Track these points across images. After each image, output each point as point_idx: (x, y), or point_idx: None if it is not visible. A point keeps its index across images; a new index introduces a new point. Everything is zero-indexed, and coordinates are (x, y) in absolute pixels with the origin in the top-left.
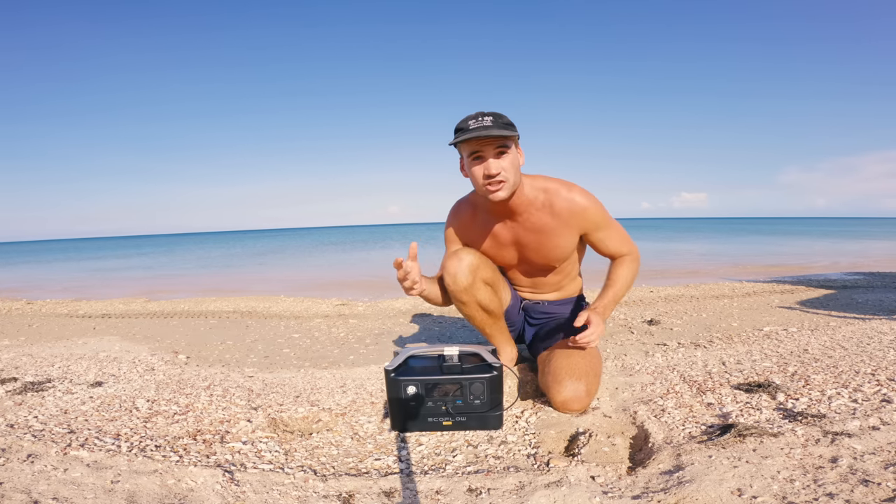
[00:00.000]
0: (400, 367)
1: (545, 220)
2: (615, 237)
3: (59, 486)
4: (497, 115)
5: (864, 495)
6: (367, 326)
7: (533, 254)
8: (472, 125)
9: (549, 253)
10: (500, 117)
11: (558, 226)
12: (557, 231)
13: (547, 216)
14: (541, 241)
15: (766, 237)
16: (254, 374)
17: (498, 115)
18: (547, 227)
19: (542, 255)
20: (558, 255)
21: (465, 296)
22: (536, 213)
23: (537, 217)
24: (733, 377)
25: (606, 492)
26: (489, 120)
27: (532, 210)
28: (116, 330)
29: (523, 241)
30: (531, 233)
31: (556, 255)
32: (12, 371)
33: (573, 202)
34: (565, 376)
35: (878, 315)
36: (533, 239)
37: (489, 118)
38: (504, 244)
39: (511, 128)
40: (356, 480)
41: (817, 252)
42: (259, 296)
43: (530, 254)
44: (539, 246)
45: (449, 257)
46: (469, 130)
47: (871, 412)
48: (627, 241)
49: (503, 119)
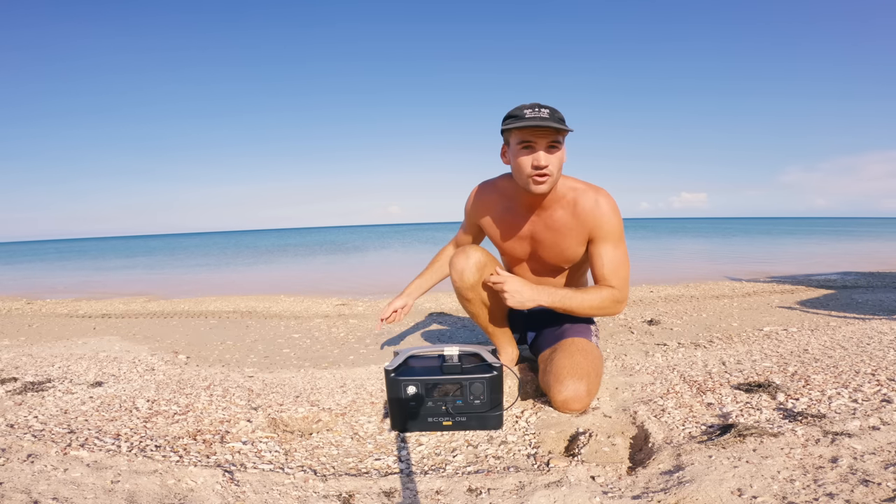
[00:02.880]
0: (400, 367)
1: (566, 220)
2: (613, 261)
3: (59, 486)
4: (554, 110)
5: (864, 495)
6: (367, 326)
7: (546, 251)
8: (528, 114)
9: (561, 253)
10: (556, 112)
11: (576, 227)
12: (574, 232)
13: (569, 215)
14: (556, 240)
15: (766, 237)
16: (254, 374)
17: (554, 110)
18: (566, 226)
19: (554, 254)
20: (569, 257)
21: (470, 293)
22: (560, 211)
23: (560, 215)
24: (733, 377)
25: (606, 492)
26: (546, 112)
27: (557, 207)
28: (116, 330)
29: (540, 236)
30: (549, 230)
31: (567, 256)
32: (12, 371)
33: (597, 204)
34: (566, 376)
35: (878, 315)
36: (549, 236)
37: (546, 110)
38: (520, 236)
39: (565, 124)
40: (356, 480)
41: (817, 252)
42: (259, 296)
43: (543, 251)
44: (553, 244)
45: (457, 254)
46: (525, 118)
47: (871, 412)
48: (620, 277)
49: (559, 114)
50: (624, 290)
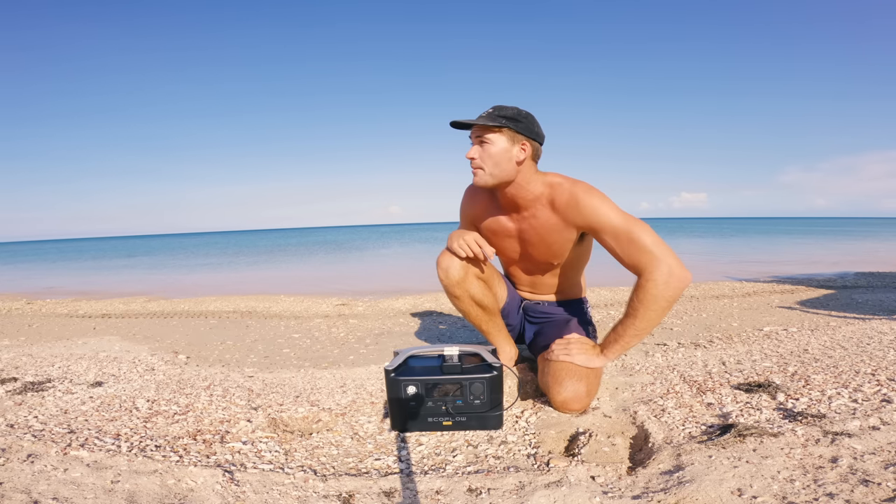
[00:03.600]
0: (400, 367)
1: (546, 216)
2: (632, 243)
3: (59, 486)
4: (497, 108)
5: (864, 495)
6: (367, 326)
7: (533, 249)
8: None
9: (548, 249)
10: (502, 110)
11: (558, 222)
12: (557, 227)
13: (548, 211)
14: (541, 237)
15: (766, 237)
16: (254, 374)
17: (498, 108)
18: (548, 222)
19: (541, 252)
20: (556, 253)
21: (457, 290)
22: (540, 209)
23: (540, 212)
24: (733, 377)
25: (606, 492)
26: (486, 111)
27: (537, 205)
28: (116, 330)
29: (525, 235)
30: (533, 228)
31: (554, 252)
32: (12, 371)
33: (572, 196)
34: (566, 376)
35: (878, 315)
36: (534, 234)
37: (490, 109)
38: (508, 235)
39: (500, 120)
40: (356, 480)
41: (817, 252)
42: (259, 296)
43: (531, 249)
44: (539, 241)
45: (442, 252)
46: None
47: (871, 412)
48: (649, 251)
49: (502, 111)
50: (663, 259)
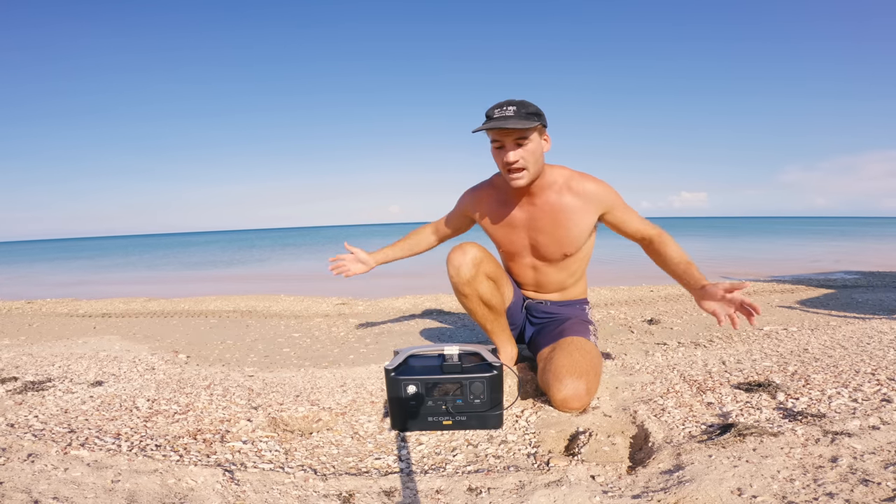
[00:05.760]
0: (400, 366)
1: (565, 200)
2: (637, 218)
3: (59, 486)
4: (521, 105)
5: (864, 495)
6: (368, 326)
7: (545, 237)
8: (495, 114)
9: (562, 236)
10: (525, 106)
11: (578, 205)
12: (576, 210)
13: (567, 195)
14: (557, 221)
15: (766, 236)
16: (254, 374)
17: (522, 105)
18: (567, 206)
19: (554, 239)
20: (571, 239)
21: (467, 288)
22: (555, 195)
23: (556, 198)
24: (733, 376)
25: (606, 491)
26: (511, 110)
27: (550, 192)
28: (116, 329)
29: (538, 223)
30: (547, 214)
31: (570, 239)
32: (12, 370)
33: (593, 183)
34: (566, 374)
35: (879, 315)
36: (548, 221)
37: (512, 108)
38: (517, 226)
39: (533, 118)
40: (356, 480)
41: (817, 252)
42: (259, 295)
43: (542, 238)
44: (553, 228)
45: (453, 250)
46: (491, 120)
47: (871, 412)
48: (650, 223)
49: (527, 108)
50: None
